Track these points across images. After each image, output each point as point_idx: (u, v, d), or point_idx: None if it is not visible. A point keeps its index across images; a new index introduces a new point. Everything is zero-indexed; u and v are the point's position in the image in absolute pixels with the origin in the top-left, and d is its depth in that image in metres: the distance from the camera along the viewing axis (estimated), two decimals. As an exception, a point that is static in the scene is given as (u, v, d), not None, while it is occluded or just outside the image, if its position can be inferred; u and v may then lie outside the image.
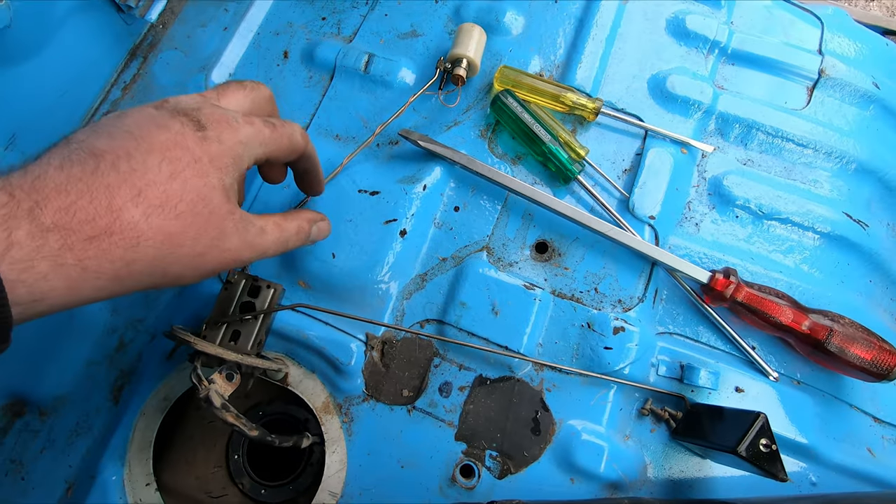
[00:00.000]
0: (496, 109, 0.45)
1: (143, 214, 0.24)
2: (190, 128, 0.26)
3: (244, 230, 0.28)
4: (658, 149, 0.45)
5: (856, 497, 0.34)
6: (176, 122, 0.26)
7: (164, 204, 0.24)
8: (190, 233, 0.25)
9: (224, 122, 0.27)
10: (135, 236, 0.24)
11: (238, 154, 0.27)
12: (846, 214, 0.44)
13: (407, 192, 0.42)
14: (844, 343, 0.38)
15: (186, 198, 0.25)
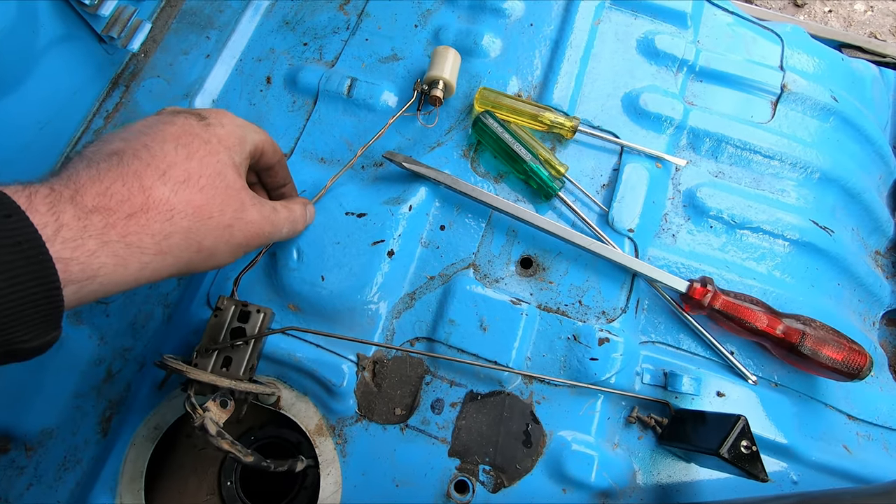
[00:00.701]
0: (477, 130, 0.46)
1: (172, 190, 0.27)
2: (193, 119, 0.30)
3: (260, 205, 0.32)
4: (634, 164, 0.47)
5: (834, 494, 0.36)
6: (180, 118, 0.30)
7: (187, 180, 0.28)
8: (215, 204, 0.29)
9: (221, 112, 0.32)
10: (168, 210, 0.27)
11: (241, 136, 0.32)
12: (813, 222, 0.47)
13: (393, 214, 0.43)
14: (817, 345, 0.40)
15: (205, 173, 0.28)
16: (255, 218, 0.31)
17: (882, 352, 0.50)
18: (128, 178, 0.26)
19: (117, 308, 0.43)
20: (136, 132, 0.29)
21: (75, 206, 0.24)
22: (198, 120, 0.31)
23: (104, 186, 0.25)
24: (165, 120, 0.30)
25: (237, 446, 0.31)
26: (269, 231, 0.33)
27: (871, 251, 0.53)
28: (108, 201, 0.25)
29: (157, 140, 0.28)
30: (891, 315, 0.53)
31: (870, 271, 0.50)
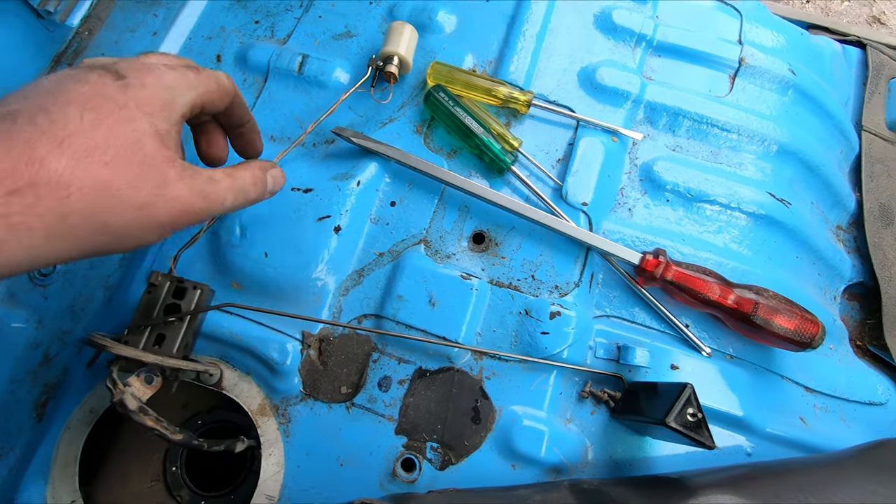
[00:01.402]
0: (429, 104, 0.45)
1: (69, 164, 0.22)
2: (109, 78, 0.25)
3: (191, 178, 0.27)
4: (590, 138, 0.46)
5: (783, 463, 0.35)
6: (93, 75, 0.25)
7: (90, 152, 0.23)
8: (125, 179, 0.24)
9: (144, 70, 0.27)
10: (64, 186, 0.22)
11: (166, 99, 0.27)
12: (770, 194, 0.46)
13: (341, 189, 0.42)
14: (769, 315, 0.39)
15: (115, 143, 0.24)
16: (182, 193, 0.27)
17: (843, 325, 0.50)
18: (15, 147, 0.22)
19: (56, 290, 0.42)
20: (39, 91, 0.24)
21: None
22: (114, 79, 0.25)
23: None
24: (78, 77, 0.25)
25: (162, 423, 0.30)
26: (201, 206, 0.28)
27: (832, 226, 0.53)
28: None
29: (60, 102, 0.24)
30: (852, 289, 0.52)
31: (830, 245, 0.50)
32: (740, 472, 0.34)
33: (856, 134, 0.56)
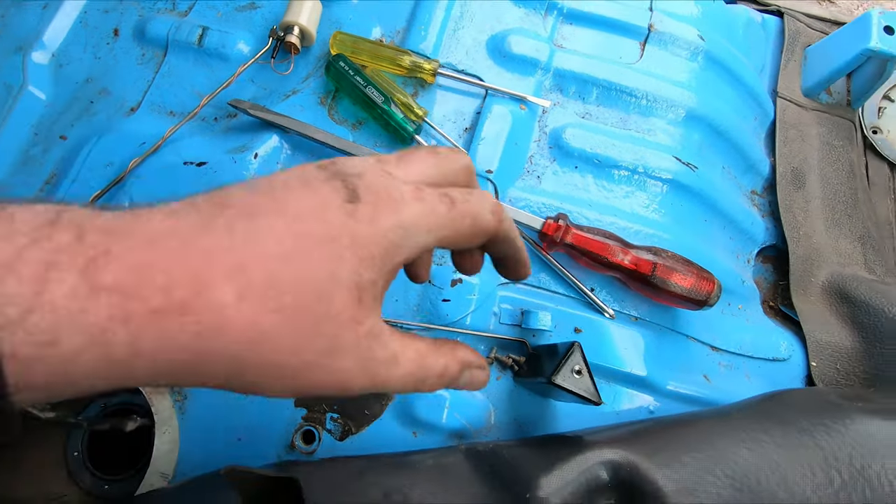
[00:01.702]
0: (331, 75, 0.44)
1: (237, 296, 0.17)
2: (339, 196, 0.19)
3: (368, 351, 0.20)
4: (498, 106, 0.46)
5: (677, 418, 0.36)
6: (327, 186, 0.20)
7: (266, 289, 0.17)
8: (289, 336, 0.18)
9: (385, 196, 0.20)
10: (214, 322, 0.17)
11: (393, 242, 0.20)
12: (676, 158, 0.47)
13: (237, 162, 0.41)
14: (666, 274, 0.40)
15: (299, 290, 0.18)
16: (347, 367, 0.20)
17: (755, 287, 0.51)
18: (189, 254, 0.17)
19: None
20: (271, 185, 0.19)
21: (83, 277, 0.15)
22: (344, 199, 0.19)
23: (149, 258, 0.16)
24: (312, 182, 0.20)
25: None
26: (359, 386, 0.21)
27: (746, 190, 0.54)
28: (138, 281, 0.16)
29: (272, 210, 0.18)
30: (766, 252, 0.54)
31: (742, 209, 0.51)
32: (632, 428, 0.35)
33: (771, 101, 0.57)
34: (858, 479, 0.31)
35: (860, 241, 0.52)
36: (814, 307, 0.48)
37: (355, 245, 0.19)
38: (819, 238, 0.51)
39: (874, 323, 0.43)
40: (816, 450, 0.32)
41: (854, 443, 0.32)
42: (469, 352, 0.25)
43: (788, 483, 0.31)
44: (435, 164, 0.23)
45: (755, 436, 0.33)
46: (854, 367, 0.43)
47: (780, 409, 0.36)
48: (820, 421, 0.34)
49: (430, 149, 0.24)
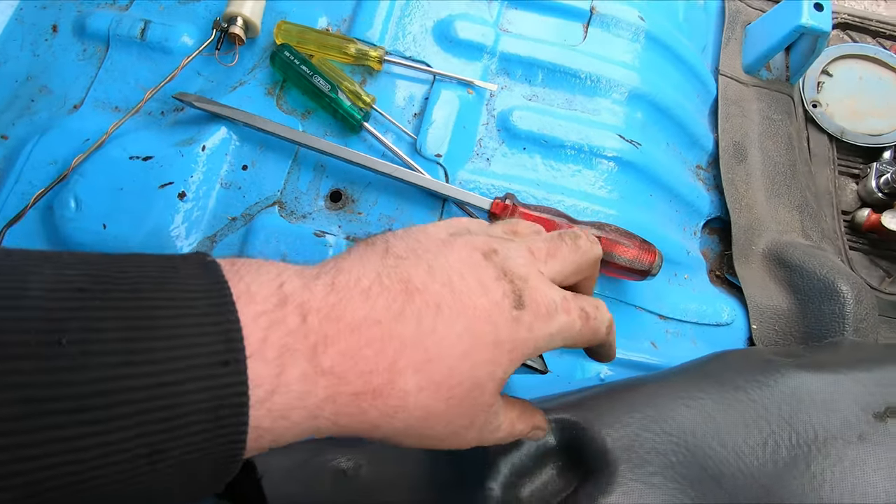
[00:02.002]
0: (276, 65, 0.45)
1: (418, 387, 0.20)
2: (509, 301, 0.22)
3: (486, 425, 0.24)
4: (446, 91, 0.47)
5: (624, 382, 0.38)
6: (499, 290, 0.22)
7: (442, 382, 0.20)
8: (448, 419, 0.21)
9: (543, 308, 0.23)
10: (397, 406, 0.20)
11: (540, 347, 0.23)
12: (620, 136, 0.48)
13: (184, 155, 0.41)
14: (610, 247, 0.41)
15: (466, 384, 0.21)
16: (471, 438, 0.24)
17: (701, 257, 0.53)
18: (387, 345, 0.19)
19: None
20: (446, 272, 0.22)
21: (311, 363, 0.18)
22: (512, 307, 0.22)
23: (359, 345, 0.19)
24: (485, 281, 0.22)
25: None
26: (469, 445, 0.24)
27: (691, 165, 0.56)
28: (349, 368, 0.19)
29: (456, 308, 0.21)
30: (712, 224, 0.56)
31: (687, 183, 0.53)
32: (580, 395, 0.37)
33: (713, 79, 0.59)
34: (785, 427, 0.33)
35: (798, 209, 0.55)
36: (755, 273, 0.50)
37: (513, 350, 0.22)
38: (760, 208, 0.54)
39: (807, 285, 0.46)
40: (749, 403, 0.35)
41: (783, 395, 0.35)
42: (541, 417, 0.30)
43: (722, 434, 0.33)
44: (575, 261, 0.26)
45: (693, 394, 0.35)
46: (790, 328, 0.46)
47: (717, 368, 0.38)
48: (753, 377, 0.36)
49: (572, 240, 0.26)
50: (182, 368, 0.16)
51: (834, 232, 0.57)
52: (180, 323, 0.16)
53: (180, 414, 0.15)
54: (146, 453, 0.15)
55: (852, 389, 0.35)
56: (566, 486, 0.31)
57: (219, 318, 0.17)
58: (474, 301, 0.21)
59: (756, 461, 0.32)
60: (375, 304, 0.20)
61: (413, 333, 0.20)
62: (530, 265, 0.24)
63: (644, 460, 0.31)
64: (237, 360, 0.16)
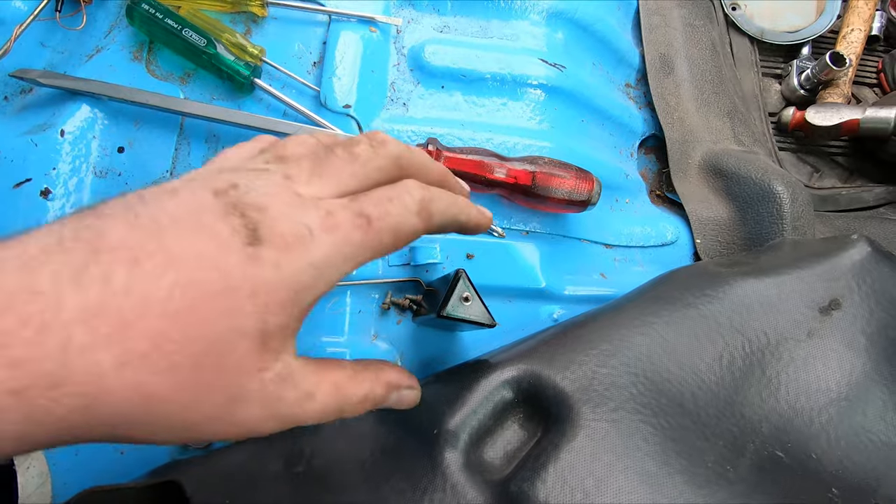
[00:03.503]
0: (136, 22, 0.37)
1: (117, 363, 0.15)
2: (240, 238, 0.17)
3: (276, 395, 0.19)
4: (345, 33, 0.41)
5: (575, 320, 0.36)
6: (225, 227, 0.17)
7: (152, 352, 0.16)
8: (184, 397, 0.17)
9: (289, 237, 0.18)
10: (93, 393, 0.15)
11: (304, 283, 0.18)
12: (542, 60, 0.45)
13: (38, 144, 0.34)
14: (546, 181, 0.38)
15: (192, 347, 0.16)
16: (253, 414, 0.18)
17: (641, 179, 0.51)
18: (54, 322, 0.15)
19: None
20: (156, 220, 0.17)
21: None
22: (244, 243, 0.17)
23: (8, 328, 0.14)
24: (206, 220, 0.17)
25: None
26: (272, 428, 0.19)
27: (620, 84, 0.53)
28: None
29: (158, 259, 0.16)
30: (648, 143, 0.54)
31: (617, 104, 0.50)
32: (533, 341, 0.35)
33: (632, -12, 0.56)
34: (738, 336, 0.33)
35: (728, 116, 0.54)
36: (693, 187, 0.49)
37: (258, 293, 0.17)
38: (691, 120, 0.52)
39: (744, 191, 0.45)
40: (701, 320, 0.34)
41: (733, 305, 0.34)
42: (396, 372, 0.24)
43: (678, 356, 0.32)
44: (353, 172, 0.21)
45: (646, 320, 0.34)
46: (733, 237, 0.46)
47: (667, 289, 0.37)
48: (702, 292, 0.35)
49: (347, 151, 0.21)
50: None
51: (763, 134, 0.57)
52: None
53: None
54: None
55: (797, 288, 0.34)
56: (530, 438, 0.30)
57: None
58: (190, 245, 0.17)
59: (714, 376, 0.31)
60: (41, 271, 0.15)
61: (96, 299, 0.15)
62: (279, 192, 0.19)
63: (604, 397, 0.30)
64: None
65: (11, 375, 0.14)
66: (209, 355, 0.17)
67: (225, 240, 0.17)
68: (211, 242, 0.17)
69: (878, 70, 0.62)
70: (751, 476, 0.27)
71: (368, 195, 0.21)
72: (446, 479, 0.27)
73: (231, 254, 0.17)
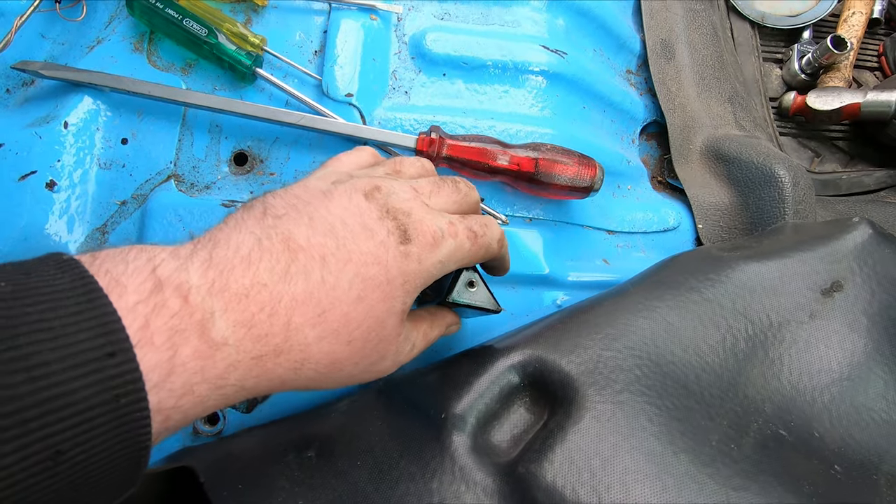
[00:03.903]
0: (136, 12, 0.37)
1: (318, 337, 0.21)
2: (395, 238, 0.23)
3: (400, 351, 0.26)
4: (346, 21, 0.41)
5: (580, 305, 0.36)
6: (383, 229, 0.23)
7: (340, 329, 0.21)
8: (355, 358, 0.23)
9: (429, 237, 0.24)
10: (301, 359, 0.21)
11: (433, 274, 0.25)
12: (544, 47, 0.45)
13: (42, 137, 0.34)
14: (549, 168, 0.39)
15: (365, 324, 0.22)
16: (386, 367, 0.25)
17: (642, 165, 0.52)
18: (279, 307, 0.20)
19: None
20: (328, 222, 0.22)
21: (202, 339, 0.18)
22: (399, 242, 0.23)
23: (249, 313, 0.19)
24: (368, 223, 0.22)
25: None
26: (390, 371, 0.27)
27: (621, 70, 0.53)
28: (244, 335, 0.19)
29: (341, 256, 0.21)
30: (649, 129, 0.54)
31: (619, 90, 0.50)
32: (539, 326, 0.35)
33: (632, -26, 0.56)
34: (741, 319, 0.33)
35: (730, 101, 0.54)
36: (695, 173, 0.49)
37: (407, 282, 0.23)
38: (693, 105, 0.52)
39: (746, 175, 0.45)
40: (704, 303, 0.34)
41: (735, 289, 0.34)
42: (451, 315, 0.33)
43: (682, 339, 0.32)
44: (457, 200, 0.28)
45: (650, 304, 0.34)
46: (735, 221, 0.46)
47: (670, 274, 0.37)
48: (706, 276, 0.36)
49: (454, 184, 0.28)
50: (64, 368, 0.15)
51: (764, 119, 0.57)
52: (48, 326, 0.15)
53: (76, 412, 0.15)
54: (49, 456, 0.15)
55: (799, 270, 0.35)
56: (537, 421, 0.30)
57: (92, 312, 0.16)
58: (360, 246, 0.22)
59: (717, 358, 0.32)
60: (259, 268, 0.20)
61: (303, 289, 0.20)
62: (414, 199, 0.25)
63: (609, 380, 0.30)
64: (123, 349, 0.16)
65: (255, 346, 0.19)
66: (373, 330, 0.23)
67: (384, 239, 0.23)
68: (373, 241, 0.22)
69: (879, 53, 0.62)
70: (754, 454, 0.27)
71: (474, 217, 0.27)
72: (454, 462, 0.28)
73: (389, 251, 0.23)
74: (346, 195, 0.23)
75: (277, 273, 0.20)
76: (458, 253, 0.25)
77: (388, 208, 0.23)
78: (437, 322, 0.30)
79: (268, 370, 0.20)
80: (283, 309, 0.20)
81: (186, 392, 0.18)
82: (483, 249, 0.27)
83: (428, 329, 0.29)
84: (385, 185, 0.24)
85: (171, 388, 0.17)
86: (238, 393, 0.20)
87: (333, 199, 0.23)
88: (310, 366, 0.21)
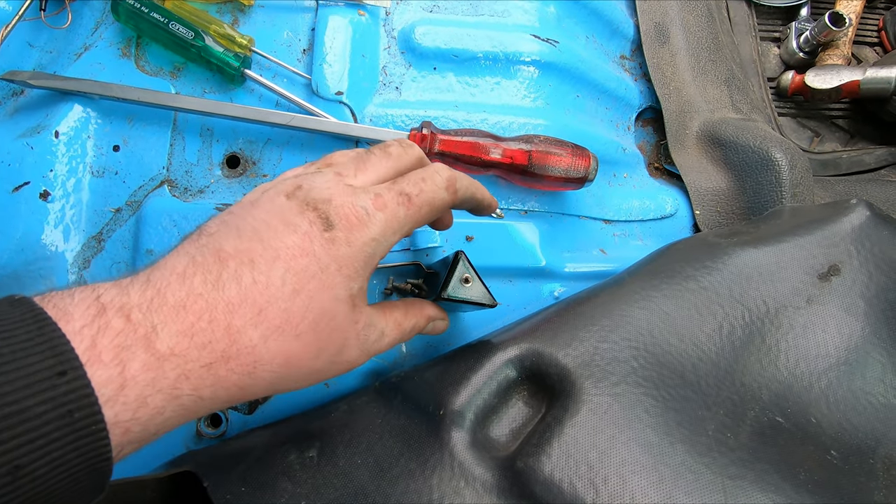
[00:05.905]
0: (122, 17, 0.37)
1: (262, 337, 0.21)
2: (318, 227, 0.23)
3: (365, 339, 0.25)
4: (334, 17, 0.41)
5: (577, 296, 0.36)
6: (304, 221, 0.23)
7: (283, 325, 0.22)
8: (310, 352, 0.23)
9: (353, 219, 0.23)
10: (251, 361, 0.21)
11: (369, 253, 0.24)
12: (534, 36, 0.44)
13: (34, 147, 0.34)
14: (543, 160, 0.38)
15: (309, 316, 0.22)
16: (353, 357, 0.25)
17: (639, 152, 0.51)
18: (217, 313, 0.20)
19: None
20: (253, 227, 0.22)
21: (148, 352, 0.19)
22: (322, 229, 0.23)
23: (188, 323, 0.20)
24: (289, 218, 0.23)
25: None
26: (362, 362, 0.26)
27: (615, 56, 0.53)
28: (188, 345, 0.20)
29: (268, 256, 0.22)
30: (645, 115, 0.54)
31: (613, 76, 0.50)
32: (535, 319, 0.35)
33: (624, -44, 0.55)
34: (738, 306, 0.33)
35: (725, 83, 0.53)
36: (691, 158, 0.49)
37: (342, 267, 0.23)
38: (688, 89, 0.52)
39: (742, 159, 0.45)
40: (700, 291, 0.34)
41: (732, 276, 0.34)
42: (431, 307, 0.31)
43: (679, 328, 0.32)
44: (390, 166, 0.27)
45: (646, 294, 0.34)
46: (732, 206, 0.45)
47: (666, 262, 0.37)
48: (702, 264, 0.35)
49: (382, 152, 0.27)
50: (17, 389, 0.16)
51: (762, 100, 0.56)
52: (2, 352, 0.16)
53: (31, 427, 0.16)
54: (9, 470, 0.16)
55: (796, 255, 0.34)
56: (534, 415, 0.31)
57: (41, 338, 0.17)
58: (285, 241, 0.22)
59: (714, 347, 0.32)
60: (193, 281, 0.20)
61: (236, 293, 0.21)
62: (335, 185, 0.24)
63: (606, 372, 0.30)
64: (73, 367, 0.17)
65: (202, 354, 0.20)
66: (321, 320, 0.22)
67: (307, 231, 0.23)
68: (297, 235, 0.22)
69: (878, 28, 0.61)
70: (751, 442, 0.28)
71: (405, 177, 0.26)
72: (454, 457, 0.28)
73: (314, 240, 0.22)
74: (269, 200, 0.24)
75: (210, 282, 0.21)
76: (394, 223, 0.24)
77: (307, 201, 0.23)
78: (412, 312, 0.30)
79: (221, 378, 0.21)
80: (221, 314, 0.20)
81: (141, 404, 0.18)
82: (426, 207, 0.26)
83: (401, 318, 0.28)
84: (306, 182, 0.24)
85: (126, 402, 0.18)
86: (197, 403, 0.20)
87: (258, 206, 0.23)
88: (263, 367, 0.21)
